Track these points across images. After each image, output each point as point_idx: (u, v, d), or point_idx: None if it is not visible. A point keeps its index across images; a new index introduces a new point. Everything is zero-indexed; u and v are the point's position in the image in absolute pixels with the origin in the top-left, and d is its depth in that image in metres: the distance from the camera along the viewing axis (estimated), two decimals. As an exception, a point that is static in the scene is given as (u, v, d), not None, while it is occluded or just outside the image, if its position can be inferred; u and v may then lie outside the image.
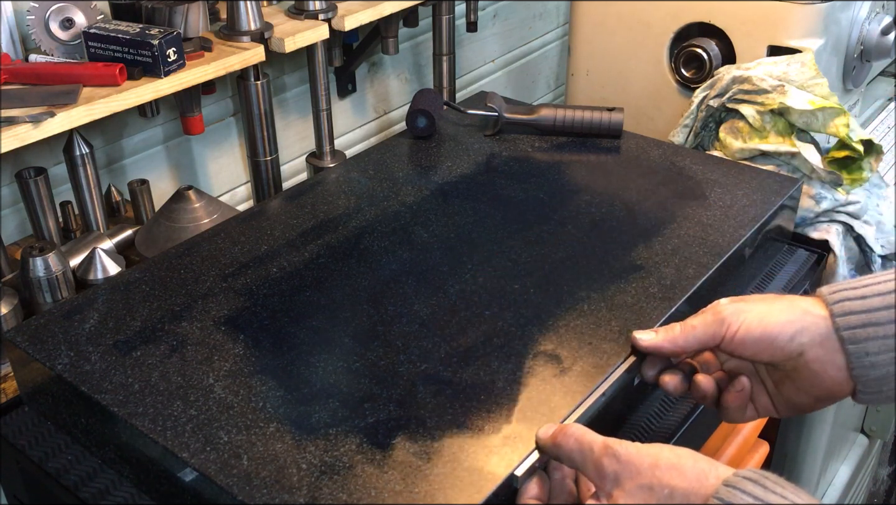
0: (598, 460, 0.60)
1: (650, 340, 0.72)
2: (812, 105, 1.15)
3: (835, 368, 0.67)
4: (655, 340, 0.72)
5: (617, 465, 0.59)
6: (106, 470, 0.78)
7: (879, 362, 0.65)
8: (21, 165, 0.99)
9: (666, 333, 0.72)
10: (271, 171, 1.16)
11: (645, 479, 0.58)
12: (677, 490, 0.57)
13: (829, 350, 0.67)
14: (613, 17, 1.48)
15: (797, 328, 0.67)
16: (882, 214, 1.21)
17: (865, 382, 0.66)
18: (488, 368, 0.75)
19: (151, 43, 0.92)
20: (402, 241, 0.94)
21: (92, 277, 0.93)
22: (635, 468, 0.59)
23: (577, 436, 0.63)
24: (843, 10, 1.35)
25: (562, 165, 1.10)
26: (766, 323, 0.68)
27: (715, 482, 0.56)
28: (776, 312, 0.68)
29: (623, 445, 0.60)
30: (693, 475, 0.57)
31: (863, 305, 0.66)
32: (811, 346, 0.67)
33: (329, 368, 0.75)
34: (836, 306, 0.67)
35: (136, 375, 0.75)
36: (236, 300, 0.84)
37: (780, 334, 0.67)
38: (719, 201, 1.00)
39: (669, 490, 0.57)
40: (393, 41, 1.29)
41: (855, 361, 0.66)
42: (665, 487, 0.57)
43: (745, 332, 0.68)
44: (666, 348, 0.72)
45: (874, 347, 0.65)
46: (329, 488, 0.64)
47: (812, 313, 0.67)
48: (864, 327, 0.65)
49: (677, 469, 0.58)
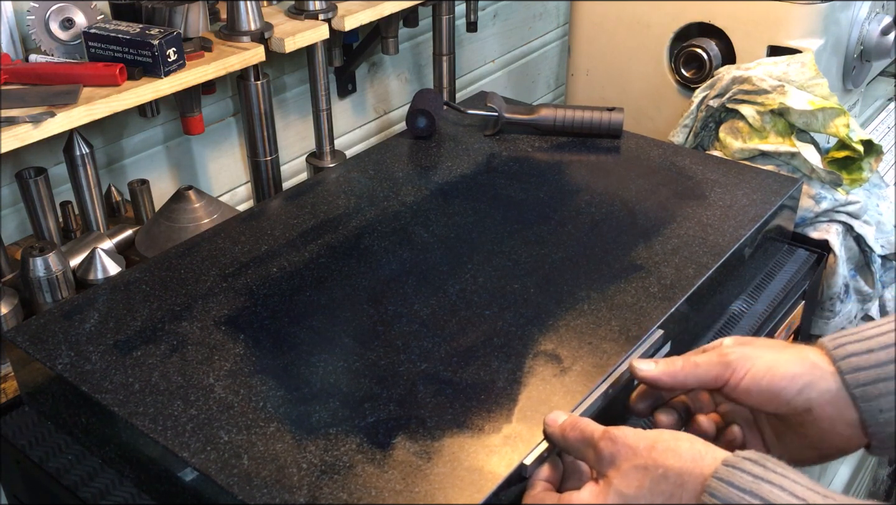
0: (597, 445, 0.61)
1: (650, 371, 0.68)
2: (812, 105, 1.15)
3: (844, 424, 0.64)
4: (655, 371, 0.68)
5: (613, 447, 0.60)
6: (106, 470, 0.78)
7: (893, 418, 0.62)
8: (21, 165, 0.99)
9: (666, 365, 0.68)
10: (271, 171, 1.16)
11: (640, 459, 0.58)
12: (671, 469, 0.57)
13: (839, 407, 0.63)
14: (613, 17, 1.49)
15: (805, 382, 0.64)
16: (882, 214, 1.21)
17: (882, 439, 0.63)
18: (488, 368, 0.75)
19: (151, 43, 0.92)
20: (402, 241, 0.94)
21: (92, 277, 0.93)
22: (631, 450, 0.59)
23: (582, 427, 0.63)
24: (843, 10, 1.35)
25: (562, 165, 1.10)
26: (773, 374, 0.64)
27: (712, 462, 0.56)
28: (784, 362, 0.65)
29: (621, 430, 0.61)
30: (689, 456, 0.57)
31: (870, 360, 0.63)
32: (819, 402, 0.64)
33: (329, 367, 0.75)
34: (843, 363, 0.64)
35: (136, 374, 0.75)
36: (236, 300, 0.84)
37: (788, 388, 0.64)
38: (719, 201, 1.00)
39: (664, 469, 0.57)
40: (393, 41, 1.29)
41: (869, 418, 0.63)
42: (659, 467, 0.57)
43: (750, 380, 0.65)
44: (665, 382, 0.68)
45: (887, 404, 0.62)
46: (329, 488, 0.64)
47: (820, 367, 0.64)
48: (875, 384, 0.62)
49: (673, 451, 0.58)
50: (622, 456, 0.59)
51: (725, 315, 0.96)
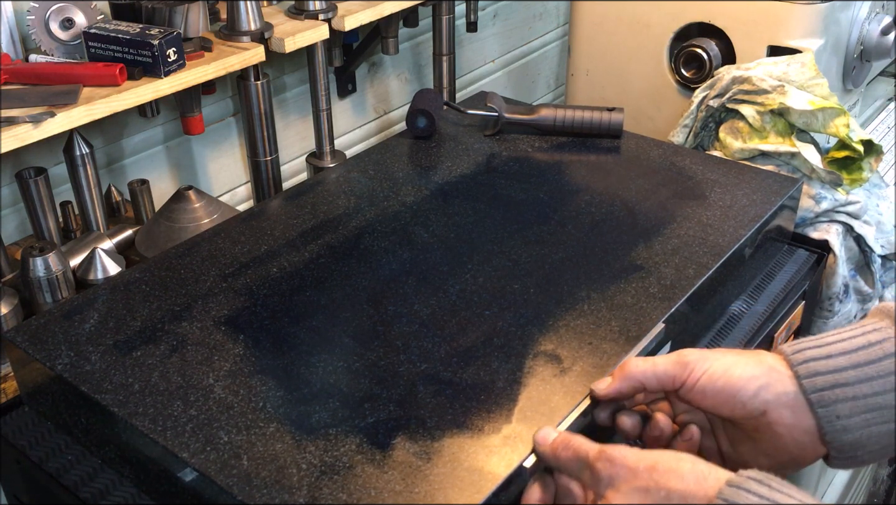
0: (593, 465, 0.60)
1: (608, 386, 0.69)
2: (812, 105, 1.15)
3: (801, 431, 0.63)
4: (613, 384, 0.68)
5: (612, 468, 0.59)
6: (106, 470, 0.78)
7: (851, 426, 0.62)
8: (21, 165, 0.99)
9: (622, 371, 0.68)
10: (271, 171, 1.16)
11: (641, 481, 0.57)
12: (674, 492, 0.56)
13: (795, 412, 0.63)
14: (613, 17, 1.49)
15: (762, 384, 0.64)
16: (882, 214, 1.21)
17: (839, 448, 0.63)
18: (488, 368, 0.75)
19: (151, 43, 0.92)
20: (402, 241, 0.94)
21: (92, 277, 0.93)
22: (631, 471, 0.58)
23: (575, 447, 0.62)
24: (843, 10, 1.35)
25: (562, 165, 1.10)
26: (730, 375, 0.64)
27: (715, 483, 0.55)
28: (741, 364, 0.65)
29: (619, 450, 0.60)
30: (692, 478, 0.56)
31: (828, 365, 0.63)
32: (776, 405, 0.63)
33: (329, 368, 0.76)
34: (801, 367, 0.63)
35: (136, 375, 0.75)
36: (236, 300, 0.84)
37: (744, 389, 0.64)
38: (719, 201, 1.00)
39: (666, 491, 0.56)
40: (393, 41, 1.29)
41: (826, 424, 0.62)
42: (662, 490, 0.56)
43: (707, 380, 0.65)
44: (625, 387, 0.68)
45: (845, 410, 0.62)
46: (329, 488, 0.64)
47: (778, 371, 0.64)
48: (833, 389, 0.62)
49: (675, 472, 0.57)
50: (621, 478, 0.58)
51: (725, 315, 0.96)
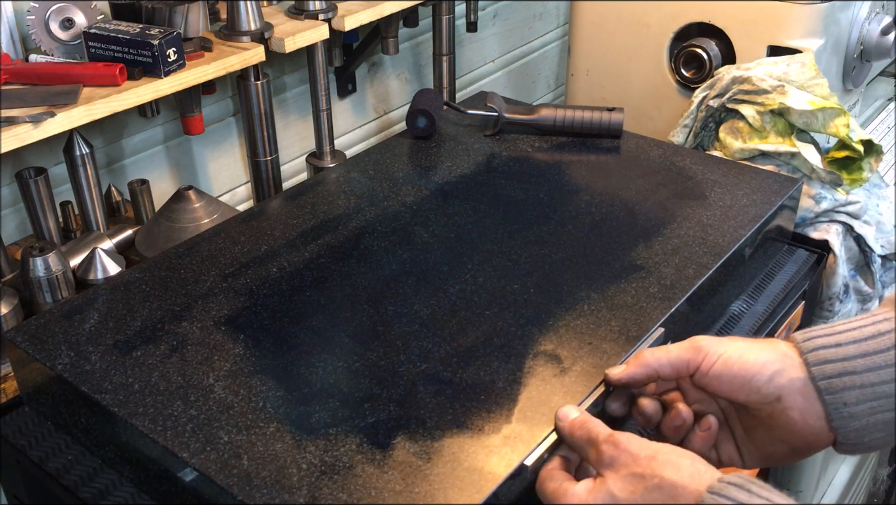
0: (599, 445, 0.62)
1: (623, 371, 0.69)
2: (812, 105, 1.15)
3: (814, 416, 0.64)
4: (628, 369, 0.69)
5: (615, 451, 0.61)
6: (106, 470, 0.78)
7: (858, 413, 0.63)
8: (21, 165, 0.99)
9: (635, 358, 0.69)
10: (271, 171, 1.16)
11: (639, 467, 0.59)
12: (666, 481, 0.57)
13: (808, 398, 0.64)
14: (613, 17, 1.48)
15: (776, 369, 0.64)
16: (882, 214, 1.21)
17: (846, 434, 0.64)
18: (488, 368, 0.75)
19: (151, 43, 0.92)
20: (402, 241, 0.94)
21: (92, 277, 0.93)
22: (632, 457, 0.60)
23: (589, 427, 0.64)
24: (843, 10, 1.35)
25: (562, 165, 1.10)
26: (745, 360, 0.65)
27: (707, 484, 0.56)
28: (756, 350, 0.66)
29: (626, 436, 0.61)
30: (688, 472, 0.57)
31: (837, 354, 0.63)
32: (790, 391, 0.64)
33: (329, 368, 0.75)
34: (811, 355, 0.64)
35: (136, 375, 0.75)
36: (236, 300, 0.84)
37: (759, 374, 0.64)
38: (719, 201, 1.00)
39: (659, 480, 0.57)
40: (393, 41, 1.29)
41: (833, 411, 0.63)
42: (655, 477, 0.58)
43: (722, 365, 0.66)
44: (639, 374, 0.68)
45: (852, 398, 0.63)
46: (329, 488, 0.64)
47: (790, 357, 0.65)
48: (841, 377, 0.63)
49: (673, 464, 0.58)
50: (621, 461, 0.60)
51: (725, 315, 0.96)
